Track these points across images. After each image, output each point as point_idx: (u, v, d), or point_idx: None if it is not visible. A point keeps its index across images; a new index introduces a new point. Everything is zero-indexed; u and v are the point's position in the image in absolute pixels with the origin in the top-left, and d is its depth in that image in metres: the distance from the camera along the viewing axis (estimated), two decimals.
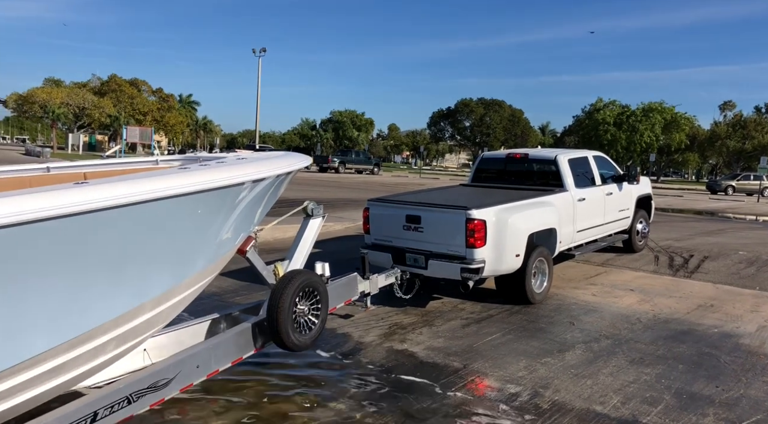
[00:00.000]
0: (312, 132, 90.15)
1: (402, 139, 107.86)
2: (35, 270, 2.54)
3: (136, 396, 3.19)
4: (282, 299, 4.02)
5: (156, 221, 3.04)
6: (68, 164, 4.59)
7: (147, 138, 56.59)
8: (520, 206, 6.89)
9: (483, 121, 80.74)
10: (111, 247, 2.84)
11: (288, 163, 4.18)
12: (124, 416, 3.12)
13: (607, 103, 67.37)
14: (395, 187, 28.99)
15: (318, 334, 4.39)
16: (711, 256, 10.72)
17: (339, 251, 9.13)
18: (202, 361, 3.70)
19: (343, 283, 5.28)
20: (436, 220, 6.55)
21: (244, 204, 3.74)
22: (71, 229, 2.57)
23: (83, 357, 2.98)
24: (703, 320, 6.53)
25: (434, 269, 6.50)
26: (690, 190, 45.24)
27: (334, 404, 4.16)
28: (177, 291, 3.49)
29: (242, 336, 4.06)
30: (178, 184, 3.04)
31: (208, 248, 3.65)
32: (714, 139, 69.59)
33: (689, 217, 20.49)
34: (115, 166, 4.69)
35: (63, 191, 2.53)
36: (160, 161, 4.81)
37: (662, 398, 4.41)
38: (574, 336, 5.84)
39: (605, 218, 8.99)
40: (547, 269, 7.19)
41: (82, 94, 63.10)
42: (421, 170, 61.74)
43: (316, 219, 5.09)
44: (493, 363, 5.04)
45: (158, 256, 3.19)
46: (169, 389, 3.43)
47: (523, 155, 9.09)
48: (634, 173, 9.67)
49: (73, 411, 2.86)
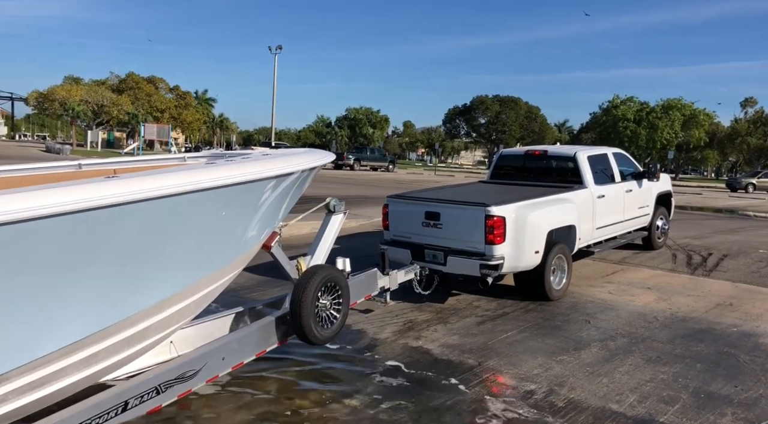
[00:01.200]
0: (327, 129, 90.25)
1: (417, 137, 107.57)
2: (76, 259, 2.64)
3: (165, 386, 3.29)
4: (305, 294, 4.09)
5: (187, 214, 3.13)
6: (98, 161, 4.71)
7: (164, 135, 57.16)
8: (540, 203, 6.90)
9: (498, 118, 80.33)
10: (144, 239, 2.93)
11: (312, 159, 4.26)
12: (153, 406, 3.23)
13: (624, 100, 66.61)
14: (410, 184, 28.95)
15: (339, 328, 4.47)
16: (730, 254, 10.58)
17: (354, 248, 9.15)
18: (228, 353, 3.80)
19: (363, 278, 5.36)
20: (455, 216, 6.57)
21: (270, 199, 3.81)
22: (107, 220, 2.66)
23: (117, 346, 3.07)
24: (721, 318, 6.45)
25: (453, 266, 6.53)
26: (709, 188, 44.64)
27: (349, 400, 4.18)
28: (206, 283, 3.57)
29: (266, 329, 4.15)
30: (208, 178, 3.14)
31: (236, 242, 3.73)
32: (734, 136, 68.57)
33: (708, 215, 20.23)
34: (144, 163, 4.81)
35: (102, 184, 2.63)
36: (188, 158, 4.91)
37: (679, 397, 4.37)
38: (590, 334, 5.80)
39: (625, 215, 8.95)
40: (566, 266, 7.18)
41: (101, 92, 63.76)
42: (436, 167, 61.61)
43: (338, 215, 5.16)
44: (508, 361, 5.03)
45: (189, 248, 3.28)
46: (196, 380, 3.54)
47: (542, 152, 9.10)
48: (654, 170, 9.63)
49: (105, 400, 2.96)
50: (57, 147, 50.39)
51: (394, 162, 53.41)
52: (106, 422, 2.95)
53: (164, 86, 73.57)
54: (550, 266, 6.86)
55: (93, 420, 2.88)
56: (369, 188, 24.19)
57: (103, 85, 68.61)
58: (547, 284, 6.87)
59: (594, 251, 8.28)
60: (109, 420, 2.97)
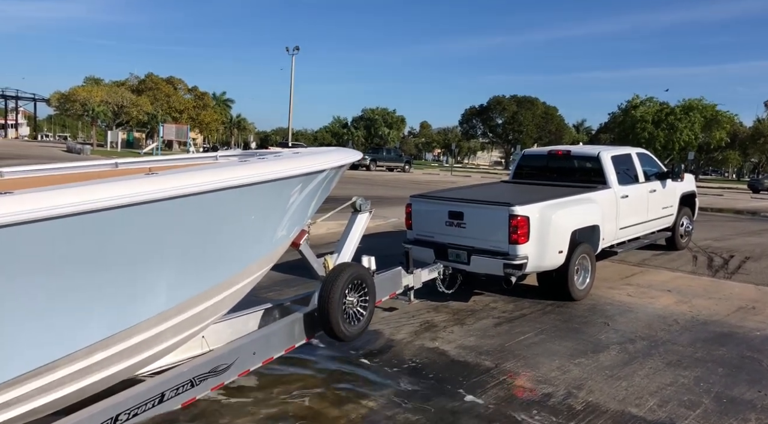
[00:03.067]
0: (343, 130, 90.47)
1: (433, 137, 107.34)
2: (126, 252, 2.73)
3: (199, 380, 3.39)
4: (333, 291, 4.16)
5: (226, 210, 3.21)
6: (133, 160, 4.83)
7: (183, 135, 57.72)
8: (564, 203, 6.91)
9: (515, 118, 79.88)
10: (187, 233, 3.02)
11: (341, 157, 4.33)
12: (187, 399, 3.33)
13: (643, 100, 65.81)
14: (426, 184, 28.88)
15: (366, 325, 4.54)
16: (753, 256, 10.40)
17: (372, 247, 9.10)
18: (259, 348, 3.90)
19: (388, 276, 5.44)
20: (479, 216, 6.61)
21: (301, 197, 3.88)
22: (154, 214, 2.74)
23: (156, 338, 3.15)
24: (744, 322, 6.34)
25: (477, 265, 6.57)
26: (730, 189, 43.96)
27: (366, 401, 4.17)
28: (239, 279, 3.65)
29: (295, 325, 4.24)
30: (250, 174, 3.24)
31: (268, 238, 3.80)
32: (756, 136, 67.41)
33: (729, 216, 19.92)
34: (178, 161, 4.89)
35: (144, 180, 2.71)
36: (220, 157, 4.99)
37: (701, 401, 4.29)
38: (609, 337, 5.73)
39: (648, 216, 8.92)
40: (590, 266, 7.18)
41: (121, 93, 64.54)
42: (452, 168, 61.42)
43: (363, 214, 5.25)
44: (525, 363, 4.99)
45: (225, 244, 3.36)
46: (229, 374, 3.63)
47: (565, 152, 9.12)
48: (678, 171, 9.62)
49: (143, 391, 3.07)
50: (78, 147, 51.10)
51: (411, 162, 53.32)
52: (144, 412, 3.05)
53: (183, 87, 74.28)
54: (574, 266, 6.87)
55: (132, 410, 2.98)
56: (386, 189, 24.18)
57: (122, 85, 69.44)
58: (571, 284, 6.87)
59: (617, 252, 8.27)
60: (147, 411, 3.07)
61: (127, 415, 2.95)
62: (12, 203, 2.20)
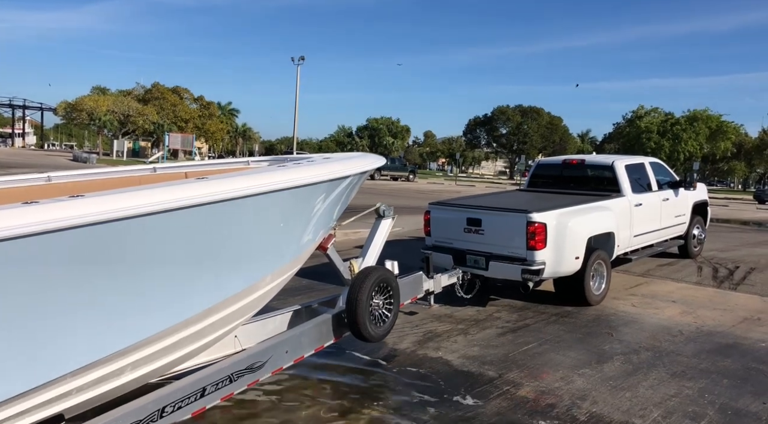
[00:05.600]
0: (348, 139, 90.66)
1: (438, 147, 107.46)
2: (179, 252, 2.88)
3: (237, 376, 3.54)
4: (361, 293, 4.29)
5: (265, 213, 3.36)
6: (170, 165, 5.05)
7: (188, 145, 58.00)
8: (580, 210, 7.08)
9: (520, 128, 79.90)
10: (229, 236, 3.15)
11: (368, 162, 4.50)
12: (226, 394, 3.48)
13: (648, 111, 65.81)
14: (431, 194, 28.89)
15: (391, 327, 4.65)
16: (758, 267, 10.36)
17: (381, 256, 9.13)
18: (291, 347, 4.03)
19: (410, 280, 5.57)
20: (497, 223, 6.77)
21: (329, 201, 4.02)
22: (193, 218, 2.85)
23: (194, 336, 3.28)
24: (749, 333, 6.31)
25: (495, 270, 6.73)
26: (736, 200, 43.78)
27: (368, 411, 4.16)
28: (269, 280, 3.76)
29: (323, 326, 4.36)
30: (292, 178, 3.42)
31: (298, 241, 3.93)
32: (762, 147, 67.26)
33: (735, 227, 19.85)
34: (210, 166, 5.07)
35: (193, 184, 2.87)
36: (252, 162, 5.13)
37: (705, 413, 4.27)
38: (613, 347, 5.71)
39: (662, 224, 9.06)
40: (605, 272, 7.33)
41: (127, 102, 64.96)
42: (456, 177, 61.44)
43: (387, 220, 5.43)
44: (528, 373, 4.97)
45: (260, 246, 3.49)
46: (263, 371, 3.76)
47: (580, 161, 9.33)
48: (691, 180, 9.81)
49: (187, 385, 3.23)
50: (84, 156, 51.44)
51: (415, 172, 53.40)
52: (187, 405, 3.20)
53: (189, 96, 74.69)
54: (590, 272, 7.01)
55: (176, 403, 3.13)
56: (391, 198, 24.17)
57: (129, 95, 69.89)
58: (587, 289, 7.02)
59: (631, 259, 8.44)
60: (190, 404, 3.22)
61: (172, 407, 3.10)
62: (100, 203, 2.39)
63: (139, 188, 2.67)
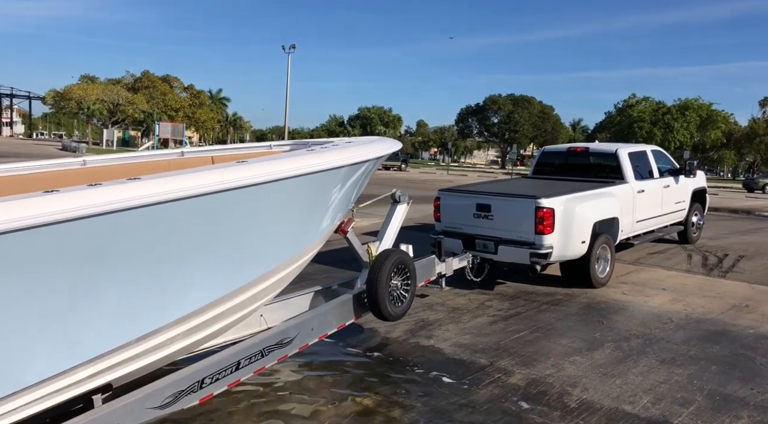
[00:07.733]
0: (339, 128, 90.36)
1: (430, 136, 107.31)
2: (215, 234, 3.00)
3: (267, 350, 3.71)
4: (381, 274, 4.45)
5: (292, 195, 3.47)
6: (197, 149, 5.19)
7: (178, 134, 57.63)
8: (585, 196, 7.30)
9: (511, 117, 79.85)
10: (259, 217, 3.26)
11: (386, 146, 4.62)
12: (257, 368, 3.66)
13: (640, 100, 65.97)
14: (423, 183, 28.94)
15: (408, 306, 4.81)
16: (747, 255, 10.45)
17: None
18: (316, 324, 4.19)
19: (424, 263, 5.74)
20: (506, 208, 6.98)
21: (349, 184, 4.13)
22: (228, 201, 2.95)
23: (225, 314, 3.40)
24: (737, 320, 6.37)
25: (504, 254, 6.98)
26: (725, 188, 44.10)
27: (361, 399, 4.18)
28: (292, 261, 3.87)
29: (345, 306, 4.53)
30: (323, 161, 3.55)
31: (318, 223, 4.03)
32: (752, 136, 67.64)
33: (724, 215, 19.99)
34: (235, 151, 5.16)
35: (234, 168, 2.97)
36: (274, 146, 5.21)
37: (694, 399, 4.32)
38: (604, 335, 5.75)
39: (663, 210, 9.32)
40: (610, 256, 7.61)
41: (117, 91, 64.38)
42: (448, 167, 61.45)
43: (402, 205, 5.58)
44: (520, 361, 5.00)
45: (285, 227, 3.61)
46: (291, 347, 3.92)
47: (584, 149, 9.55)
48: (690, 167, 9.99)
49: (224, 359, 3.40)
50: (73, 145, 51.01)
51: (407, 161, 53.36)
52: (224, 377, 3.39)
53: (179, 85, 74.11)
54: (596, 256, 7.26)
55: (214, 375, 3.32)
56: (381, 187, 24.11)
57: (118, 84, 69.21)
58: (593, 272, 7.29)
59: (633, 244, 8.71)
60: (226, 376, 3.40)
61: (210, 379, 3.29)
62: (163, 184, 2.58)
63: (193, 170, 2.83)
